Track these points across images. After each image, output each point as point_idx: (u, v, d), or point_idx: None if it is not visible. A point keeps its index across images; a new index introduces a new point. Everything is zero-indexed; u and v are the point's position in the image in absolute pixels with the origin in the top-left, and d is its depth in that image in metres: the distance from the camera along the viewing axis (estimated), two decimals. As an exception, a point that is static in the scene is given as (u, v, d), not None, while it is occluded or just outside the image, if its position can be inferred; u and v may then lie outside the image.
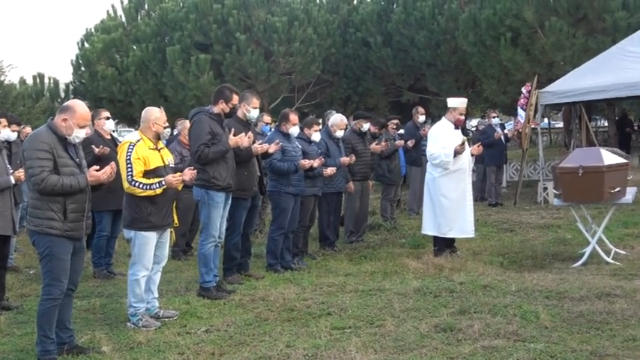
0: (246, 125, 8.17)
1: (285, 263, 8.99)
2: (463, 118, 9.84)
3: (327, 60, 23.86)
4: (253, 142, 8.00)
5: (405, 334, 5.92)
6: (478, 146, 9.93)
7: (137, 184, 6.34)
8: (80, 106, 5.74)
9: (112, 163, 5.78)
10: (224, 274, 8.25)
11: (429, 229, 9.62)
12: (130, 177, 6.34)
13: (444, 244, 9.53)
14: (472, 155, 9.79)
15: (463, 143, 9.29)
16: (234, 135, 7.56)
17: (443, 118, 9.76)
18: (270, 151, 8.31)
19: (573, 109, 19.47)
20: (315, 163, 8.95)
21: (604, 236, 9.21)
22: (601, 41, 18.10)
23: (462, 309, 6.58)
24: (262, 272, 8.79)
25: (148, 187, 6.36)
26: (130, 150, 6.39)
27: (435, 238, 9.61)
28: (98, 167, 5.71)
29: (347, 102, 25.41)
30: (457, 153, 9.26)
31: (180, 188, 6.78)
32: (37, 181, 5.38)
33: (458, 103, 9.67)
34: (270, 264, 8.95)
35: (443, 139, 9.34)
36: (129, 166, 6.35)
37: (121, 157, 6.42)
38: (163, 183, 6.39)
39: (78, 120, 5.60)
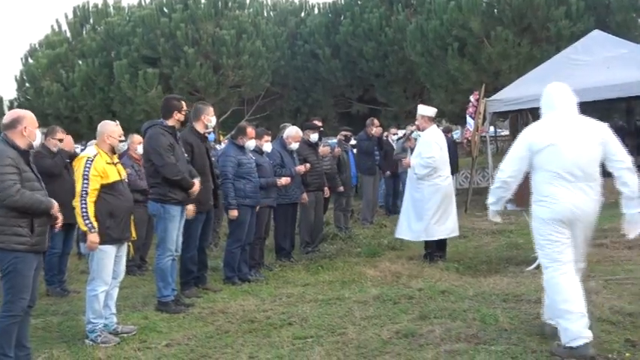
0: (202, 138, 8.20)
1: (243, 275, 8.95)
2: None
3: (276, 72, 23.93)
4: (208, 155, 8.15)
5: (368, 342, 5.93)
6: None
7: (84, 206, 6.23)
8: (24, 111, 5.75)
9: None
10: (181, 288, 8.15)
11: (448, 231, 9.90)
12: (84, 193, 6.23)
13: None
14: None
15: None
16: (194, 149, 7.82)
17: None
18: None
19: (520, 117, 19.86)
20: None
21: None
22: (545, 50, 18.57)
23: (422, 314, 6.62)
24: (220, 285, 8.73)
25: (87, 219, 6.23)
26: (87, 165, 6.30)
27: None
28: None
29: (297, 114, 25.48)
30: None
31: None
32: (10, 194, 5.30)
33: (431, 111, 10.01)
34: (227, 277, 8.89)
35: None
36: (85, 182, 6.24)
37: (78, 171, 6.31)
38: (93, 230, 6.24)
39: (32, 123, 5.59)
